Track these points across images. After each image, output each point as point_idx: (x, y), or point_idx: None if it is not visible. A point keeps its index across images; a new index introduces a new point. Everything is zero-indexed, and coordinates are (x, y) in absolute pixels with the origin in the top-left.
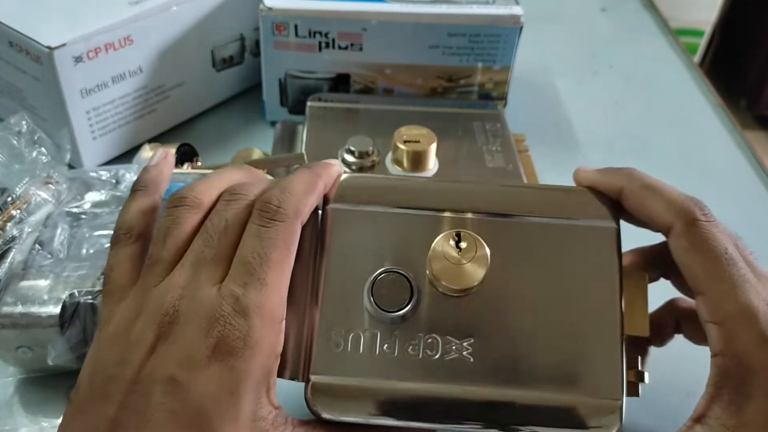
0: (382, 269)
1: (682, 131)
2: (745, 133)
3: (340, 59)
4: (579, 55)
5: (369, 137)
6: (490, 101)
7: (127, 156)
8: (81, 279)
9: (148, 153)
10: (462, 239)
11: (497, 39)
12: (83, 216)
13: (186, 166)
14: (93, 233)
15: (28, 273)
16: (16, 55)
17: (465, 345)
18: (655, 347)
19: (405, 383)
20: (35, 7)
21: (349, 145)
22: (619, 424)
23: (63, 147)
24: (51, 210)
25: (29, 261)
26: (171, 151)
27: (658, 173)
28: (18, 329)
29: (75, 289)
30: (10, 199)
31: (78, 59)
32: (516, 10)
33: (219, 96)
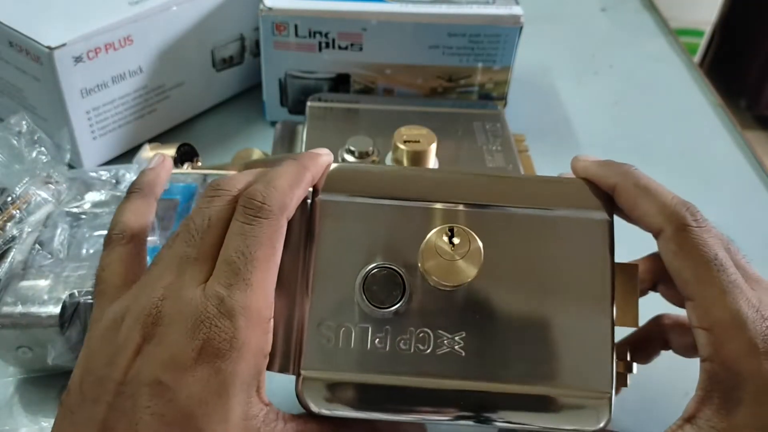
0: (373, 264)
1: (682, 131)
2: (745, 133)
3: (340, 59)
4: (579, 55)
5: (369, 137)
6: (490, 101)
7: (127, 156)
8: (81, 279)
9: (148, 153)
10: (455, 234)
11: (497, 39)
12: (83, 216)
13: (186, 166)
14: (93, 233)
15: (28, 273)
16: (16, 55)
17: (457, 339)
18: (641, 364)
19: (397, 377)
20: (35, 7)
21: (349, 145)
22: (609, 415)
23: (63, 147)
24: (51, 210)
25: (29, 261)
26: (168, 156)
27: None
28: (18, 329)
29: (75, 289)
30: (10, 199)
31: (78, 59)
32: (516, 10)
33: (219, 96)
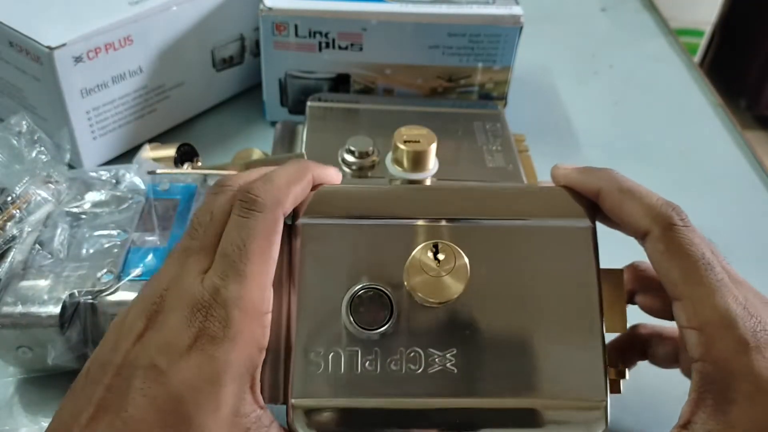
0: (359, 286)
1: (682, 131)
2: (745, 133)
3: (340, 59)
4: (579, 55)
5: (369, 137)
6: (490, 101)
7: (127, 156)
8: (81, 279)
9: (148, 153)
10: (440, 250)
11: (497, 39)
12: (83, 216)
13: (186, 166)
14: (93, 233)
15: (28, 273)
16: (16, 55)
17: (448, 356)
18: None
19: (390, 400)
20: (35, 7)
21: (349, 145)
22: (605, 424)
23: (63, 147)
24: (51, 209)
25: (29, 261)
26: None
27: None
28: (18, 329)
29: (75, 289)
30: (9, 199)
31: (78, 59)
32: (516, 10)
33: (219, 96)
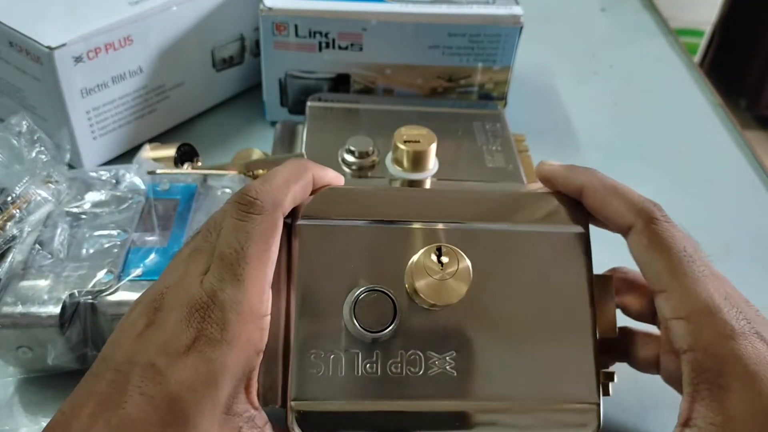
0: (363, 288)
1: (682, 131)
2: (745, 133)
3: (340, 59)
4: (579, 55)
5: (369, 137)
6: (490, 101)
7: (127, 156)
8: (81, 279)
9: (148, 153)
10: (443, 254)
11: (497, 39)
12: (83, 216)
13: (186, 166)
14: (93, 233)
15: (28, 273)
16: (16, 55)
17: (448, 359)
18: None
19: (391, 403)
20: (35, 7)
21: (349, 145)
22: (598, 424)
23: (63, 147)
24: (51, 209)
25: (29, 261)
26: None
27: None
28: (18, 329)
29: (75, 289)
30: (9, 199)
31: (78, 59)
32: (516, 10)
33: (219, 96)
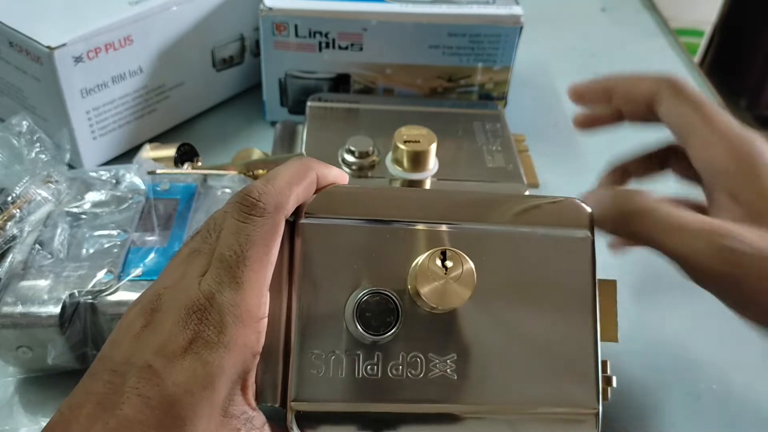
0: (366, 290)
1: None
2: None
3: (340, 59)
4: (579, 55)
5: (369, 137)
6: (490, 101)
7: (127, 156)
8: (81, 279)
9: (148, 153)
10: (447, 257)
11: (497, 39)
12: (83, 216)
13: (186, 166)
14: (93, 233)
15: (28, 273)
16: (16, 55)
17: (448, 362)
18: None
19: (391, 405)
20: (35, 7)
21: (349, 145)
22: (597, 431)
23: (63, 147)
24: (51, 209)
25: (29, 261)
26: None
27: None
28: (18, 329)
29: (75, 289)
30: (9, 199)
31: (78, 59)
32: (516, 10)
33: (219, 96)
